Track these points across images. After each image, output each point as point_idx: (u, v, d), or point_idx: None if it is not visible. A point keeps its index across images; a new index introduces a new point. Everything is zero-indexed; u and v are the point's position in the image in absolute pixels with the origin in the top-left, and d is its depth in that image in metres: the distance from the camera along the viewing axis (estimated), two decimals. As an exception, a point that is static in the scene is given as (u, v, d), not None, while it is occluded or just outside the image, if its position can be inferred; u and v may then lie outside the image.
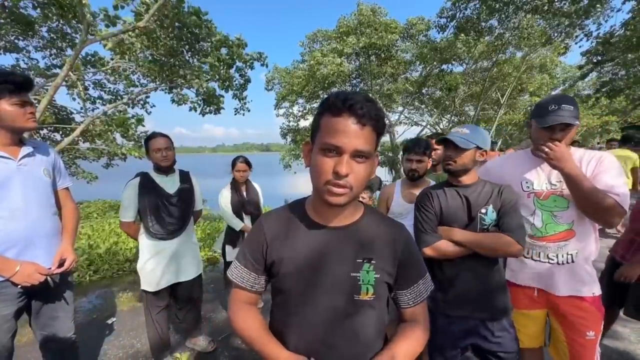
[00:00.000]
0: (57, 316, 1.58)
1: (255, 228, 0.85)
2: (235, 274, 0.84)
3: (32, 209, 1.43)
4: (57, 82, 4.55)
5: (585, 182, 1.27)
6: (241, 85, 6.94)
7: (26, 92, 1.41)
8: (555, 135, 1.33)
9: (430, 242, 1.33)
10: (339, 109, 0.67)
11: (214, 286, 3.68)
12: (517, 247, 1.24)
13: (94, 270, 4.06)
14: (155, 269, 2.05)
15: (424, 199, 1.41)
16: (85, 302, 3.33)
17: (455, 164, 1.32)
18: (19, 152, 1.43)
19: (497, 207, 1.30)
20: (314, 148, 0.73)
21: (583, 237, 1.39)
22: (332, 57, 11.02)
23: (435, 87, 14.27)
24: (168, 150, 2.06)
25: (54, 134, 7.20)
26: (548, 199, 1.43)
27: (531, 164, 1.51)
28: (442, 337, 1.39)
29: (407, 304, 0.83)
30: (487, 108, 16.27)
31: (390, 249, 0.80)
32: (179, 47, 5.84)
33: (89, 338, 2.53)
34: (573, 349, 1.40)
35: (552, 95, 1.47)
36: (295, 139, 15.31)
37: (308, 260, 0.77)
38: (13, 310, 1.39)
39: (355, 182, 0.69)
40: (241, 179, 2.80)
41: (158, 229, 2.03)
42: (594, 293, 1.39)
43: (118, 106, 6.80)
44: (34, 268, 1.36)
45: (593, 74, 10.73)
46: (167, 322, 2.19)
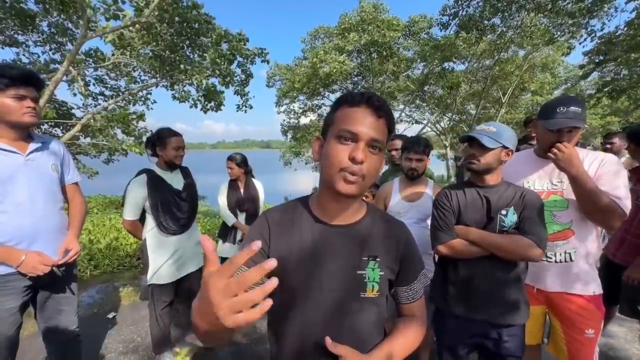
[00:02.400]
0: (61, 309, 1.61)
1: (258, 224, 0.84)
2: None
3: (38, 204, 1.44)
4: (58, 77, 4.55)
5: (590, 185, 1.28)
6: (243, 80, 6.92)
7: (25, 86, 1.37)
8: (563, 137, 1.34)
9: (445, 240, 1.32)
10: (357, 101, 0.71)
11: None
12: (537, 250, 1.20)
13: (95, 266, 4.08)
14: (166, 263, 2.07)
15: (442, 198, 1.40)
16: (86, 297, 3.36)
17: (479, 163, 1.28)
18: (27, 147, 1.44)
19: (519, 210, 1.27)
20: (328, 138, 0.73)
21: (582, 237, 1.40)
22: (334, 55, 10.98)
23: (436, 85, 14.25)
24: (184, 149, 2.13)
25: (55, 129, 7.20)
26: (548, 199, 1.45)
27: (533, 164, 1.52)
28: (451, 337, 1.40)
29: (407, 300, 0.85)
30: (489, 107, 16.24)
31: (393, 246, 0.82)
32: (179, 42, 5.82)
33: (91, 332, 2.56)
34: (572, 346, 1.42)
35: (560, 97, 1.47)
36: (295, 136, 15.30)
37: (313, 258, 0.77)
38: (18, 304, 1.41)
39: (368, 172, 0.69)
40: (232, 176, 2.81)
41: (171, 224, 2.06)
42: (594, 292, 1.40)
43: (119, 102, 6.79)
44: (39, 259, 1.38)
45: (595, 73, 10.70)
46: (169, 317, 2.21)
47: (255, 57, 6.57)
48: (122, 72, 6.71)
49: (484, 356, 1.42)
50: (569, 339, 1.43)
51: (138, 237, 2.14)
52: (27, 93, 1.38)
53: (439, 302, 1.43)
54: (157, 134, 2.09)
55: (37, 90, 1.44)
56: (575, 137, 1.37)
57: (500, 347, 1.30)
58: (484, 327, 1.32)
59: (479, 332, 1.34)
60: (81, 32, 4.50)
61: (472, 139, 1.30)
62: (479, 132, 1.31)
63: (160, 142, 2.06)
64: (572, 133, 1.35)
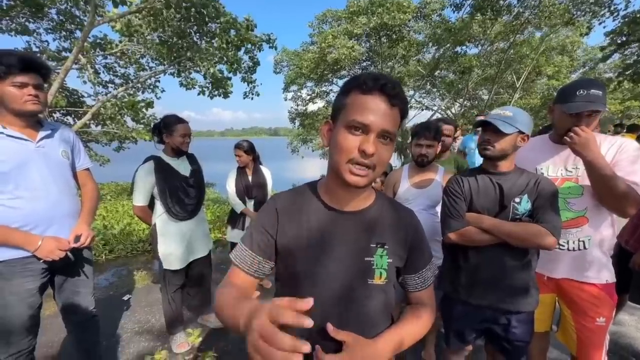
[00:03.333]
0: (78, 291, 1.67)
1: (265, 209, 0.83)
2: (237, 255, 0.80)
3: (51, 190, 1.47)
4: (67, 65, 4.58)
5: (606, 170, 1.23)
6: (250, 67, 6.85)
7: (25, 73, 1.34)
8: (582, 121, 1.29)
9: (456, 228, 1.30)
10: (370, 87, 0.66)
11: (223, 267, 3.79)
12: (551, 238, 1.17)
13: (110, 250, 4.21)
14: (176, 248, 2.13)
15: (453, 184, 1.37)
16: (102, 280, 3.48)
17: (494, 148, 1.24)
18: (37, 135, 1.46)
19: (533, 198, 1.24)
20: (337, 126, 0.71)
21: (597, 224, 1.37)
22: (343, 40, 10.73)
23: (448, 70, 13.82)
24: (190, 136, 2.16)
25: (67, 118, 7.32)
26: (562, 186, 1.41)
27: (548, 150, 1.47)
28: (459, 322, 1.40)
29: (415, 288, 0.84)
30: (502, 92, 15.74)
31: (401, 234, 0.81)
32: (186, 28, 5.77)
33: (107, 312, 2.67)
34: (582, 334, 1.41)
35: (579, 80, 1.40)
36: (303, 123, 15.20)
37: (321, 244, 0.77)
38: (37, 285, 1.46)
39: (378, 163, 0.68)
40: (241, 163, 2.83)
41: (179, 210, 2.10)
42: (607, 280, 1.38)
43: (128, 89, 6.83)
44: (55, 244, 1.42)
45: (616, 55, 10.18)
46: (181, 299, 2.29)
47: (262, 43, 6.48)
48: (131, 60, 6.72)
49: (491, 341, 1.43)
50: (579, 327, 1.42)
51: (148, 222, 2.18)
52: (28, 80, 1.35)
53: (447, 289, 1.43)
54: (163, 121, 2.11)
55: (41, 77, 1.42)
56: (594, 121, 1.32)
57: (509, 333, 1.31)
58: (493, 313, 1.31)
59: (488, 318, 1.34)
60: (89, 19, 4.50)
61: (487, 124, 1.26)
62: (494, 116, 1.26)
63: (167, 129, 2.08)
64: (591, 117, 1.30)
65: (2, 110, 1.38)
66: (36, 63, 1.40)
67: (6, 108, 1.36)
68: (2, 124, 1.37)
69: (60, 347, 2.28)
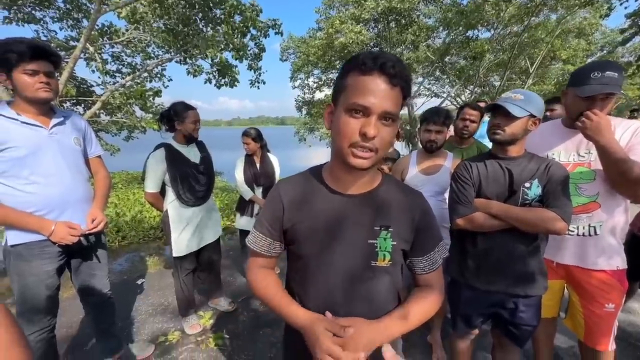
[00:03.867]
0: (94, 274, 1.73)
1: (271, 194, 0.85)
2: (252, 241, 0.86)
3: (65, 176, 1.50)
4: (76, 54, 4.61)
5: (620, 155, 1.20)
6: (256, 54, 6.78)
7: (36, 61, 1.35)
8: (595, 105, 1.25)
9: (464, 214, 1.29)
10: (369, 68, 0.64)
11: (232, 253, 3.87)
12: (561, 223, 1.16)
13: (122, 237, 4.33)
14: (187, 234, 2.18)
15: (461, 170, 1.36)
16: (116, 265, 3.59)
17: (504, 133, 1.22)
18: (49, 122, 1.48)
19: (544, 182, 1.22)
20: (338, 109, 0.70)
21: (609, 210, 1.34)
22: (350, 25, 10.47)
23: (458, 55, 13.42)
24: (199, 122, 2.18)
25: (77, 107, 7.42)
26: (574, 171, 1.38)
27: (560, 135, 1.44)
28: (467, 307, 1.41)
29: (423, 271, 0.84)
30: (514, 78, 15.25)
31: (407, 216, 0.80)
32: (191, 15, 5.71)
33: (122, 296, 2.76)
34: (590, 320, 1.41)
35: (594, 61, 1.35)
36: (310, 111, 15.07)
37: (325, 227, 0.77)
38: (55, 267, 1.52)
39: (380, 145, 0.67)
40: (249, 151, 2.83)
41: (190, 196, 2.14)
42: (618, 266, 1.36)
43: (135, 78, 6.85)
44: (66, 230, 1.47)
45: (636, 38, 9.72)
46: (192, 283, 2.35)
47: (268, 29, 6.38)
48: (137, 48, 6.72)
49: (497, 325, 1.44)
50: (587, 313, 1.42)
51: (159, 208, 2.23)
52: (39, 67, 1.37)
53: (455, 274, 1.43)
54: (173, 108, 2.11)
55: (52, 64, 1.43)
56: (609, 104, 1.27)
57: (516, 317, 1.31)
58: (501, 298, 1.32)
59: (495, 302, 1.34)
60: (95, 7, 4.48)
61: (497, 108, 1.23)
62: (504, 99, 1.23)
63: (178, 116, 2.09)
64: (605, 100, 1.25)
65: (16, 97, 1.41)
66: (46, 50, 1.41)
67: (20, 95, 1.39)
68: (17, 111, 1.40)
69: (79, 328, 2.39)
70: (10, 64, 1.33)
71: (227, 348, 2.17)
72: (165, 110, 2.19)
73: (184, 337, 2.27)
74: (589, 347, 1.44)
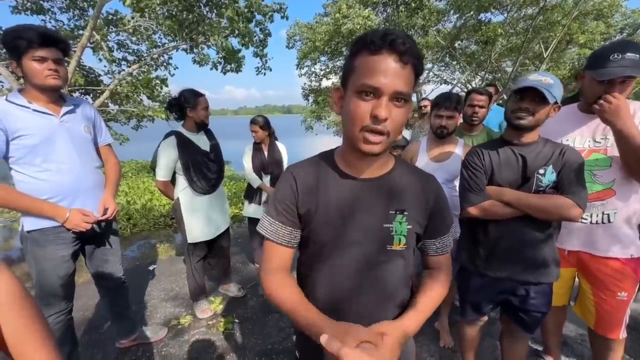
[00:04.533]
0: (107, 259, 1.78)
1: (283, 180, 0.82)
2: (269, 229, 0.79)
3: (76, 163, 1.53)
4: (83, 42, 4.61)
5: (638, 139, 1.16)
6: (261, 40, 6.69)
7: (44, 47, 1.35)
8: (614, 88, 1.19)
9: (476, 202, 1.26)
10: (378, 46, 0.61)
11: (241, 240, 3.93)
12: (577, 210, 1.13)
13: (134, 224, 4.43)
14: (200, 221, 2.21)
15: (472, 157, 1.32)
16: (128, 252, 3.69)
17: (532, 118, 1.15)
18: (60, 110, 1.50)
19: (558, 168, 1.18)
20: (348, 92, 0.68)
21: (625, 197, 1.31)
22: (358, 9, 10.19)
23: (469, 40, 13.01)
24: (209, 108, 2.17)
25: (85, 97, 7.49)
26: (589, 157, 1.34)
27: (576, 120, 1.39)
28: (477, 294, 1.40)
29: (435, 253, 0.84)
30: (528, 63, 14.75)
31: (421, 200, 0.79)
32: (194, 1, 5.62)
33: (135, 281, 2.84)
34: (602, 308, 1.39)
35: (614, 42, 1.28)
36: (317, 100, 14.91)
37: (340, 211, 0.76)
38: (70, 252, 1.56)
39: (392, 127, 0.65)
40: (257, 139, 2.83)
41: (203, 184, 2.16)
42: (632, 255, 1.33)
43: (142, 67, 6.85)
44: (80, 217, 1.50)
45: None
46: (203, 270, 2.41)
47: (273, 13, 6.27)
48: (143, 36, 6.69)
49: (507, 312, 1.43)
50: (598, 301, 1.40)
51: (170, 197, 2.25)
52: (47, 54, 1.37)
53: (465, 261, 1.42)
54: (184, 96, 2.10)
55: (60, 51, 1.43)
56: (629, 88, 1.22)
57: (527, 304, 1.31)
58: (512, 285, 1.31)
59: (506, 289, 1.33)
60: (100, -6, 4.45)
61: (527, 91, 1.14)
62: (537, 83, 1.12)
63: (190, 103, 2.08)
64: (625, 84, 1.20)
65: (27, 86, 1.42)
66: (55, 37, 1.41)
67: (30, 83, 1.40)
68: (28, 99, 1.41)
69: (95, 311, 2.47)
70: (19, 51, 1.33)
71: (237, 332, 2.23)
72: (173, 98, 2.17)
73: (195, 321, 2.34)
74: (599, 335, 1.44)
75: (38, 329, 0.51)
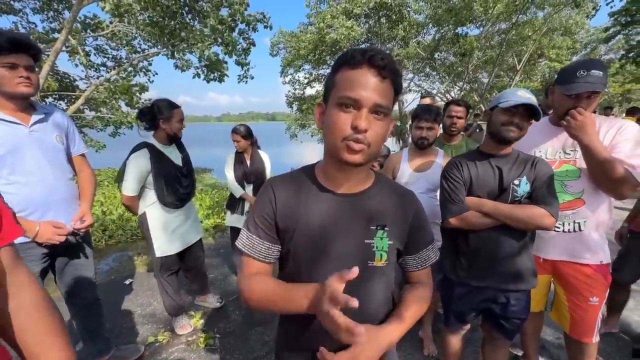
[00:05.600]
0: (79, 275, 1.68)
1: (262, 193, 0.82)
2: (248, 245, 0.79)
3: (46, 175, 1.45)
4: (57, 47, 4.44)
5: (603, 154, 1.23)
6: (245, 49, 6.67)
7: (15, 54, 1.29)
8: (581, 103, 1.27)
9: (457, 212, 1.30)
10: (358, 62, 0.64)
11: (222, 251, 3.83)
12: (550, 219, 1.19)
13: (109, 236, 4.23)
14: (170, 236, 2.13)
15: (452, 169, 1.36)
16: (103, 265, 3.52)
17: (520, 132, 1.21)
18: (30, 119, 1.42)
19: (531, 179, 1.25)
20: (329, 105, 0.70)
21: (593, 206, 1.38)
22: (342, 20, 10.41)
23: (448, 52, 13.55)
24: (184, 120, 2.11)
25: (59, 102, 7.18)
26: (560, 169, 1.41)
27: (547, 133, 1.46)
28: (459, 303, 1.43)
29: (415, 268, 0.85)
30: (502, 75, 15.50)
31: (402, 216, 0.80)
32: (177, 8, 5.56)
33: (110, 296, 2.71)
34: (575, 313, 1.45)
35: (580, 60, 1.37)
36: (301, 107, 14.97)
37: (320, 227, 0.76)
38: (38, 270, 1.47)
39: (373, 139, 0.66)
40: (239, 149, 2.79)
41: (173, 199, 2.08)
42: (602, 261, 1.40)
43: (120, 72, 6.66)
44: (52, 230, 1.42)
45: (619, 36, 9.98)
46: (177, 284, 2.30)
47: (257, 23, 6.28)
48: (122, 41, 6.52)
49: (488, 319, 1.46)
50: (572, 306, 1.46)
51: (134, 212, 2.13)
52: (18, 61, 1.31)
53: (448, 271, 1.44)
54: (158, 105, 2.01)
55: (31, 57, 1.36)
56: (594, 103, 1.31)
57: (507, 311, 1.34)
58: (493, 293, 1.34)
59: (487, 298, 1.36)
60: (77, -2, 4.32)
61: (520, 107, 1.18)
62: (527, 100, 1.18)
63: (163, 114, 2.00)
64: (590, 99, 1.28)
65: None
66: (26, 43, 1.34)
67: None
68: None
69: (65, 330, 2.33)
70: None
71: (219, 347, 2.15)
72: (146, 107, 2.08)
73: (174, 338, 2.24)
74: (573, 339, 1.49)
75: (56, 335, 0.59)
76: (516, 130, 1.21)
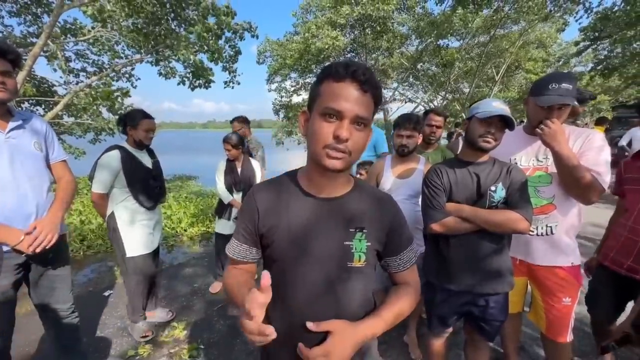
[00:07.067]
0: (55, 287, 1.61)
1: (246, 200, 0.86)
2: (230, 247, 0.89)
3: (22, 183, 1.40)
4: (35, 52, 4.32)
5: (572, 161, 1.31)
6: (231, 57, 6.68)
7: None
8: (553, 114, 1.36)
9: (438, 218, 1.34)
10: (341, 75, 0.68)
11: (207, 260, 3.76)
12: (525, 223, 1.25)
13: (88, 246, 4.08)
14: (141, 233, 2.18)
15: (432, 176, 1.40)
16: (81, 276, 3.38)
17: (495, 142, 1.27)
18: (6, 125, 1.38)
19: (506, 185, 1.31)
20: (313, 114, 0.74)
21: (564, 211, 1.46)
22: (327, 30, 10.61)
23: (430, 63, 14.01)
24: (154, 131, 2.22)
25: (36, 108, 6.92)
26: (533, 175, 1.48)
27: (521, 141, 1.54)
28: (442, 307, 1.46)
29: (397, 269, 0.88)
30: (482, 85, 16.13)
31: (380, 218, 0.84)
32: (162, 15, 5.53)
33: (88, 309, 2.60)
34: (550, 313, 1.51)
35: (552, 73, 1.46)
36: (287, 115, 15.03)
37: (300, 230, 0.79)
38: (11, 282, 1.40)
39: (353, 148, 0.70)
40: (230, 157, 2.82)
41: (145, 199, 2.18)
42: (572, 263, 1.48)
43: (102, 78, 6.51)
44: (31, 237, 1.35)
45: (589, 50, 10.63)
46: (146, 288, 2.34)
47: (243, 32, 6.32)
48: (105, 47, 6.39)
49: (469, 322, 1.51)
50: (547, 307, 1.52)
51: (102, 212, 2.16)
52: None
53: (432, 278, 1.48)
54: (129, 113, 2.17)
55: (9, 63, 1.33)
56: (565, 114, 1.39)
57: (487, 313, 1.39)
58: (473, 296, 1.39)
59: (468, 301, 1.41)
60: (57, 2, 4.23)
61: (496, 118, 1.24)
62: (501, 111, 1.23)
63: (131, 122, 2.12)
64: (562, 110, 1.37)
65: None
66: (2, 48, 1.31)
67: None
68: None
69: (39, 347, 2.21)
70: None
71: (203, 359, 2.10)
72: (124, 114, 2.24)
73: (155, 350, 2.17)
74: (549, 339, 1.55)
75: None
76: (492, 141, 1.28)
